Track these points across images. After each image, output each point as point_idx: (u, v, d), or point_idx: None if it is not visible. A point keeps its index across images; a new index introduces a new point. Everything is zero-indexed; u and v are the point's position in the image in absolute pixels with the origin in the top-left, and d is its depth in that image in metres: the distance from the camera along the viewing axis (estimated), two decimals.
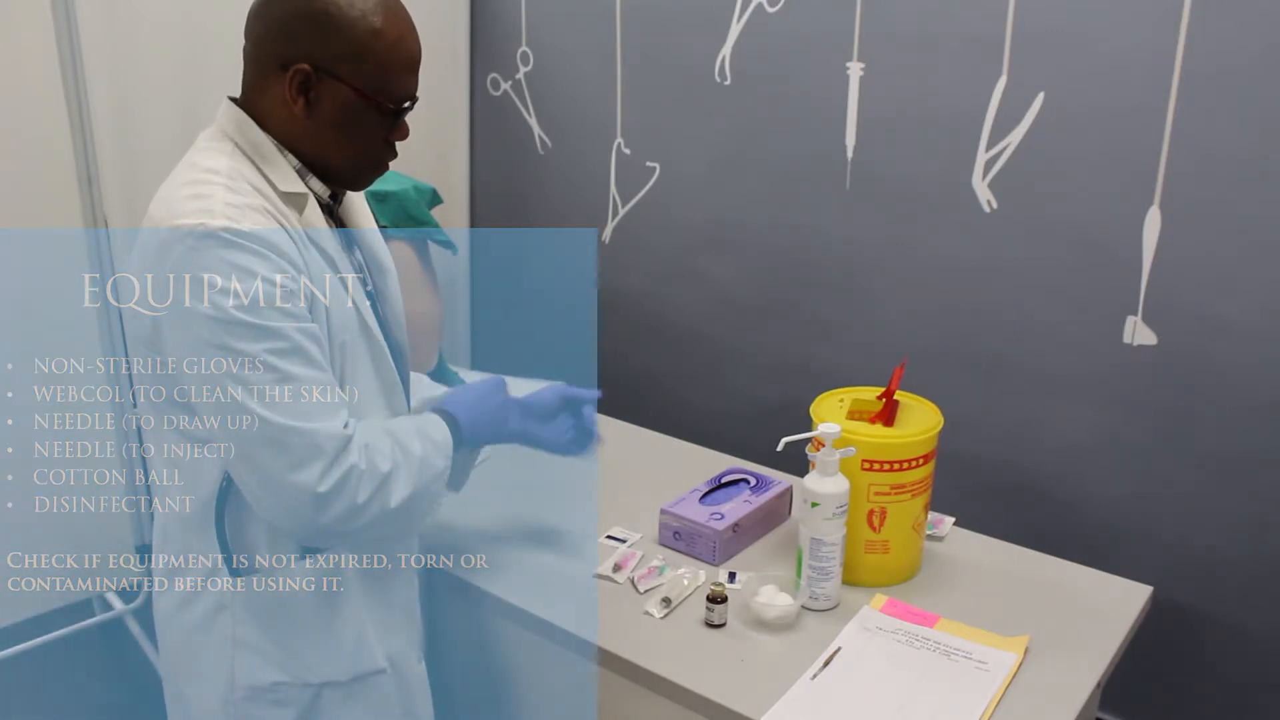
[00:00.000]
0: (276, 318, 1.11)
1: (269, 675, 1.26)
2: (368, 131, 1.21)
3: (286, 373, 1.11)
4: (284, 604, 1.26)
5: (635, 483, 1.80)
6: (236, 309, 1.08)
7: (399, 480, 1.20)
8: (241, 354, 1.10)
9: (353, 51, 1.16)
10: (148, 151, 1.99)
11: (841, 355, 2.13)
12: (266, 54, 1.19)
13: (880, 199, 2.00)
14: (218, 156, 1.18)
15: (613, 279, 2.48)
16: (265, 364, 1.10)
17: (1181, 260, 1.70)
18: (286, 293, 1.11)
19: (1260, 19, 1.56)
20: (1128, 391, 1.79)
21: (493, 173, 2.66)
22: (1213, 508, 1.75)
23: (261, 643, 1.26)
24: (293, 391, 1.12)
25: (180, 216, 1.10)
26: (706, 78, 2.18)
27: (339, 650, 1.29)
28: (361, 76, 1.17)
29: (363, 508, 1.17)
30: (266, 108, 1.20)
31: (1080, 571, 1.55)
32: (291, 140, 1.21)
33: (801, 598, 1.44)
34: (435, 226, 1.92)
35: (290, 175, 1.20)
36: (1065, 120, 1.76)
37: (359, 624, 1.29)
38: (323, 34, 1.15)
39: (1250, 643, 1.76)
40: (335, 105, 1.18)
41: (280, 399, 1.11)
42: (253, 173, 1.18)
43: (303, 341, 1.13)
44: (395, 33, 1.18)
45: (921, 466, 1.46)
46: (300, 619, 1.27)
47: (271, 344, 1.11)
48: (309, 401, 1.13)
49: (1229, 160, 1.62)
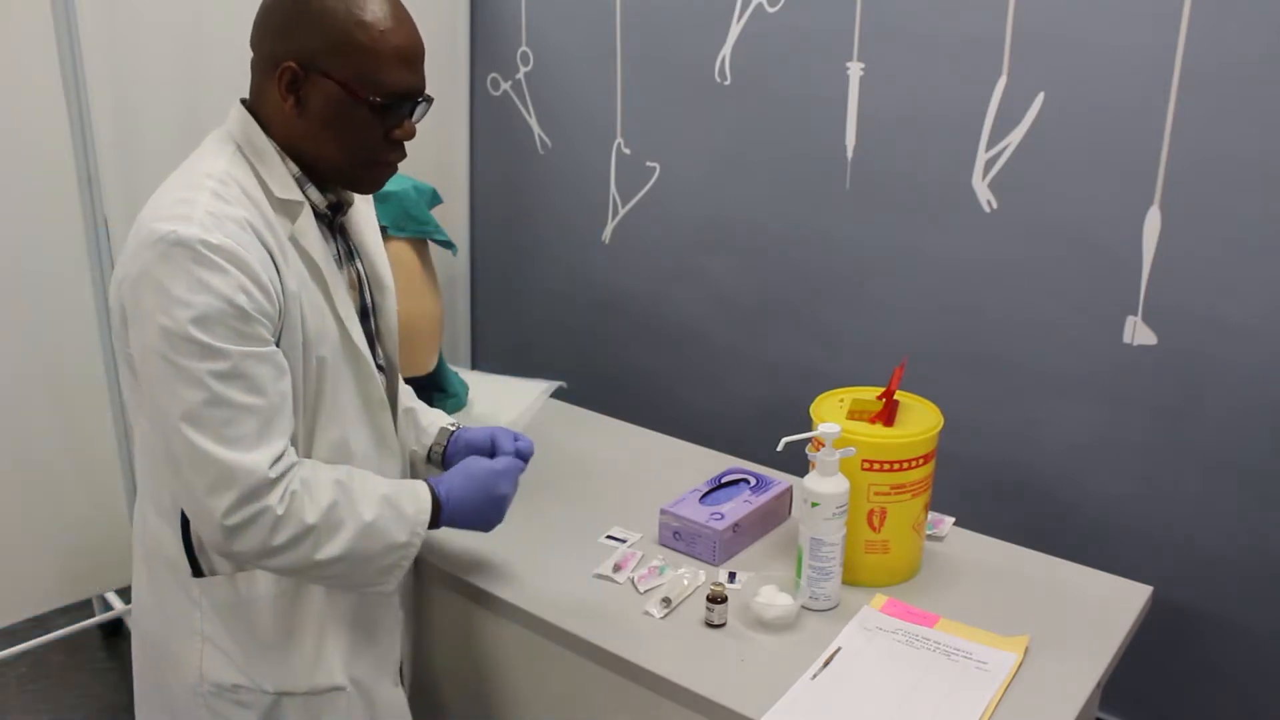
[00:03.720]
0: (226, 338, 1.09)
1: (230, 676, 1.27)
2: (361, 128, 1.18)
3: (220, 396, 1.09)
4: (244, 609, 1.27)
5: (635, 483, 1.80)
6: (188, 322, 1.07)
7: (329, 537, 1.17)
8: (182, 369, 1.09)
9: (335, 44, 1.13)
10: (148, 151, 2.00)
11: (841, 355, 2.13)
12: (262, 55, 1.19)
13: (880, 199, 2.00)
14: (217, 159, 1.17)
15: (613, 279, 2.48)
16: (203, 383, 1.09)
17: (1181, 260, 1.70)
18: (241, 313, 1.10)
19: (1260, 19, 1.56)
20: (1128, 391, 1.79)
21: (493, 173, 2.66)
22: (1213, 508, 1.75)
23: (225, 643, 1.27)
24: (223, 418, 1.10)
25: (162, 219, 1.10)
26: (706, 78, 2.18)
27: (295, 663, 1.29)
28: (346, 69, 1.14)
29: (279, 550, 1.14)
30: (268, 111, 1.19)
31: (1080, 571, 1.55)
32: (292, 144, 1.20)
33: (801, 598, 1.44)
34: (435, 226, 1.91)
35: (288, 182, 1.19)
36: (1065, 120, 1.76)
37: (318, 639, 1.29)
38: (306, 29, 1.14)
39: (1250, 643, 1.76)
40: (323, 101, 1.16)
41: (208, 421, 1.10)
42: (248, 177, 1.17)
43: (248, 366, 1.11)
44: (383, 24, 1.14)
45: (921, 466, 1.46)
46: (258, 626, 1.27)
47: (214, 364, 1.09)
48: (237, 430, 1.10)
49: (1229, 160, 1.62)
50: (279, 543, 1.14)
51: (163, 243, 1.08)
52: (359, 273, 1.33)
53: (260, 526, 1.13)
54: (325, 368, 1.22)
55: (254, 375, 1.11)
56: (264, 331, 1.13)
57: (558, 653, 1.43)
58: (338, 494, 1.19)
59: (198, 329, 1.08)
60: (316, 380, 1.22)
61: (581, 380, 2.17)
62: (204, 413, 1.09)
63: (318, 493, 1.17)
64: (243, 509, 1.11)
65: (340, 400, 1.25)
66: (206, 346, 1.08)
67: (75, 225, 1.94)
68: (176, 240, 1.08)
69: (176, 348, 1.08)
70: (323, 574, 1.21)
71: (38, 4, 1.81)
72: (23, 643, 2.25)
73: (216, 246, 1.09)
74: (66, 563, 2.11)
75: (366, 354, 1.26)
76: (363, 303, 1.33)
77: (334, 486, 1.20)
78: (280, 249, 1.16)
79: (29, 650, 2.29)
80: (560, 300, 2.61)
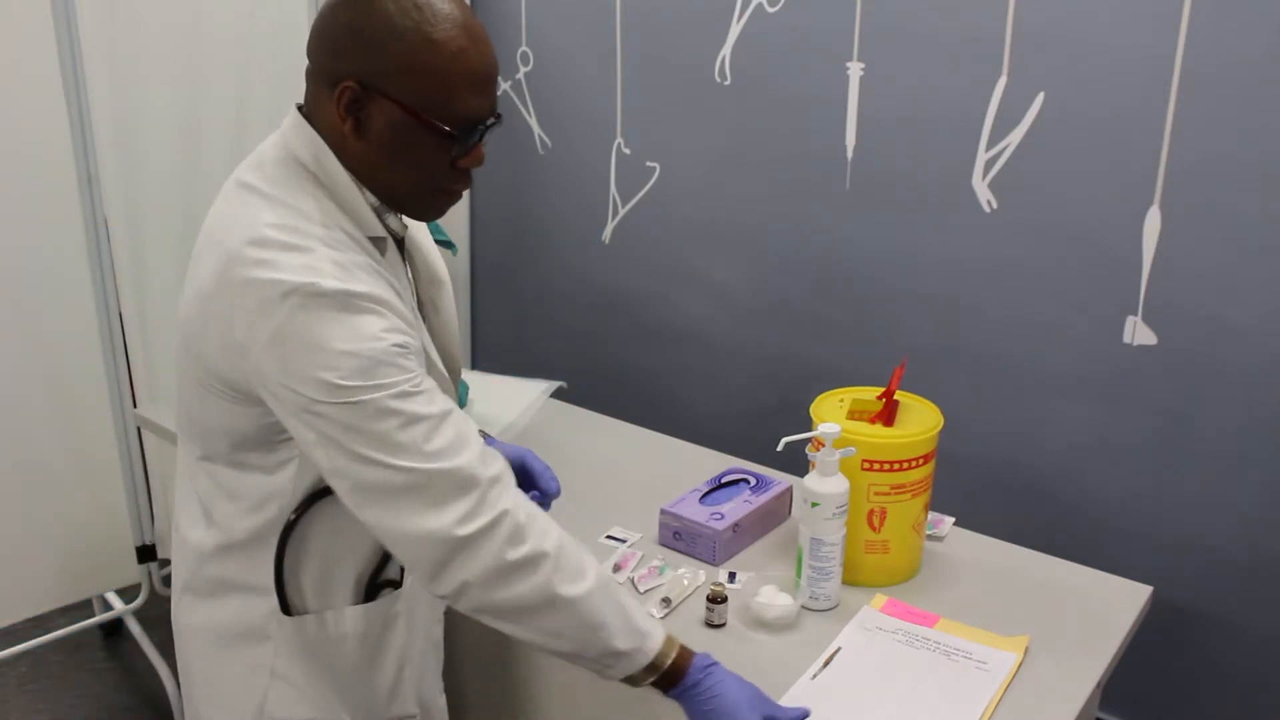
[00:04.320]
0: (391, 375, 1.02)
1: (302, 711, 1.22)
2: (427, 155, 1.07)
3: (412, 414, 1.02)
4: (328, 646, 1.22)
5: (635, 483, 1.80)
6: (358, 369, 1.00)
7: (572, 573, 1.07)
8: (363, 404, 1.00)
9: (403, 65, 1.02)
10: (148, 151, 2.00)
11: (841, 355, 2.13)
12: (319, 68, 1.08)
13: (880, 199, 2.00)
14: (302, 197, 1.07)
15: (613, 279, 2.48)
16: (389, 411, 1.01)
17: (1181, 260, 1.70)
18: (403, 350, 1.03)
19: (1260, 19, 1.56)
20: (1128, 391, 1.79)
21: (493, 173, 2.66)
22: (1213, 508, 1.75)
23: (300, 679, 1.21)
24: (422, 433, 1.02)
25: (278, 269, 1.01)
26: (706, 78, 2.18)
27: (374, 696, 1.27)
28: (413, 93, 1.03)
29: (515, 568, 1.04)
30: (324, 128, 1.09)
31: (1080, 571, 1.55)
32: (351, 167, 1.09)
33: (801, 598, 1.44)
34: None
35: (371, 219, 1.10)
36: (1065, 120, 1.76)
37: (396, 669, 1.27)
38: (371, 46, 1.03)
39: (1250, 643, 1.76)
40: (386, 126, 1.05)
41: (409, 443, 1.01)
42: (340, 216, 1.09)
43: (420, 383, 1.04)
44: (456, 45, 1.03)
45: (921, 466, 1.46)
46: (341, 662, 1.23)
47: (390, 392, 1.01)
48: (440, 442, 1.03)
49: (1229, 160, 1.62)
50: (516, 558, 1.03)
51: (297, 295, 1.00)
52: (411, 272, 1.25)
53: (498, 536, 1.03)
54: None
55: (428, 389, 1.05)
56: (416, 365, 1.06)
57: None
58: (565, 538, 1.10)
59: (367, 369, 1.01)
60: None
61: (581, 380, 2.17)
62: (400, 436, 1.01)
63: (545, 522, 1.08)
64: (478, 517, 1.02)
65: None
66: (378, 384, 1.01)
67: (75, 225, 1.94)
68: (316, 292, 1.00)
69: (350, 393, 1.00)
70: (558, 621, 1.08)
71: (38, 4, 1.82)
72: (23, 643, 2.25)
73: (363, 295, 1.02)
74: (66, 563, 2.12)
75: (441, 366, 1.21)
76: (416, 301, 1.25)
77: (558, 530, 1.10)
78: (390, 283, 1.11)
79: (29, 650, 2.29)
80: (560, 300, 2.61)
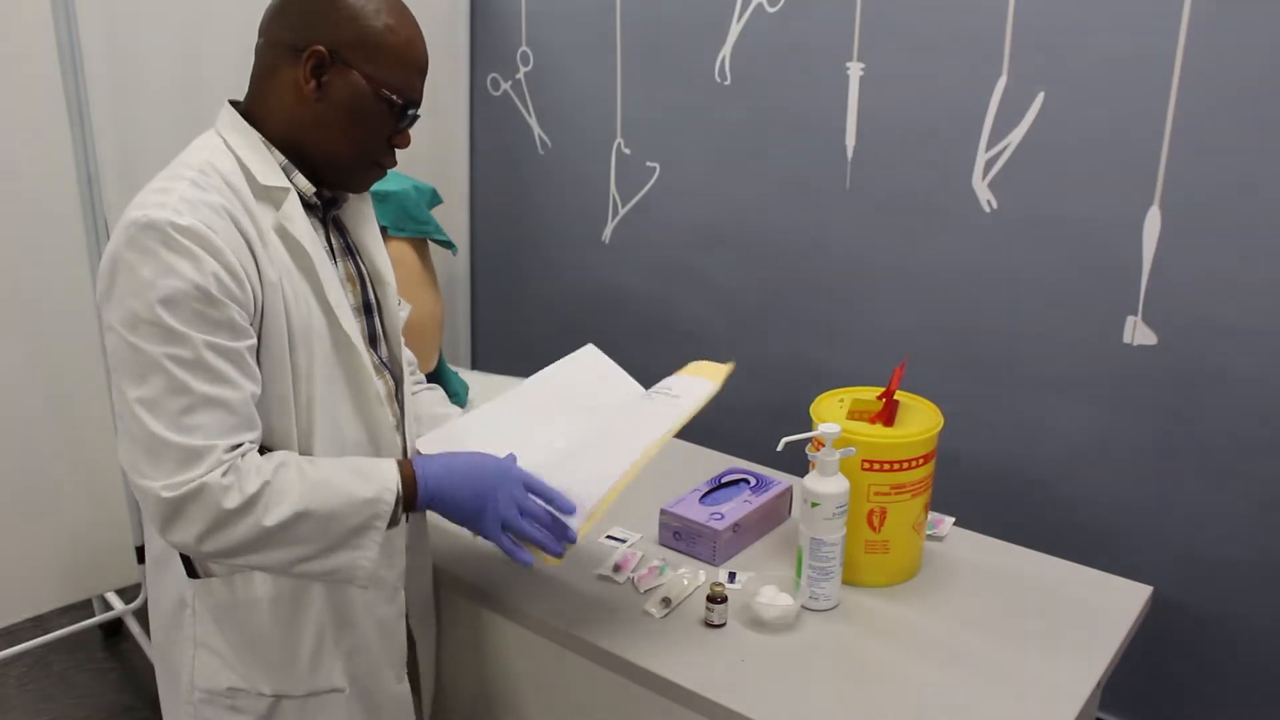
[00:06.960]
0: (190, 322, 1.07)
1: (225, 680, 1.26)
2: (373, 126, 1.21)
3: (181, 384, 1.07)
4: (241, 610, 1.25)
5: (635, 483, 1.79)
6: (155, 303, 1.06)
7: (278, 499, 1.11)
8: (144, 353, 1.07)
9: (369, 42, 1.18)
10: (148, 151, 1.99)
11: (841, 355, 2.13)
12: (280, 41, 1.20)
13: (880, 199, 2.01)
14: (199, 152, 1.19)
15: (613, 279, 2.48)
16: (163, 369, 1.07)
17: (1181, 260, 1.70)
18: (207, 297, 1.08)
19: (1260, 20, 1.56)
20: (1128, 392, 1.79)
21: (493, 173, 2.66)
22: (1212, 508, 1.75)
23: (220, 646, 1.25)
24: (181, 405, 1.07)
25: (137, 206, 1.11)
26: (706, 78, 2.18)
27: (293, 665, 1.28)
28: (376, 68, 1.19)
29: (228, 520, 1.08)
30: (273, 100, 1.21)
31: (1080, 571, 1.55)
32: (293, 133, 1.21)
33: (801, 598, 1.44)
34: (435, 226, 1.92)
35: (273, 169, 1.20)
36: (1065, 120, 1.76)
37: (317, 641, 1.28)
38: (339, 20, 1.17)
39: (1250, 643, 1.76)
40: (347, 93, 1.19)
41: (166, 409, 1.07)
42: (232, 166, 1.18)
43: (211, 357, 1.08)
44: (407, 34, 1.21)
45: (921, 466, 1.46)
46: (256, 628, 1.26)
47: (176, 349, 1.07)
48: (195, 420, 1.07)
49: (1229, 160, 1.62)
50: (231, 506, 1.08)
51: (133, 226, 1.08)
52: (358, 268, 1.32)
53: (205, 500, 1.07)
54: (314, 362, 1.20)
55: (217, 368, 1.09)
56: (235, 319, 1.10)
57: (557, 652, 1.43)
58: (285, 458, 1.15)
59: (163, 311, 1.06)
60: (307, 377, 1.20)
61: None
62: (162, 400, 1.07)
63: (263, 463, 1.13)
64: (180, 478, 1.07)
65: (332, 396, 1.23)
66: (170, 330, 1.07)
67: (75, 225, 1.94)
68: (147, 223, 1.08)
69: (140, 331, 1.07)
70: (287, 549, 1.12)
71: (38, 4, 1.81)
72: (23, 643, 2.25)
73: (185, 229, 1.08)
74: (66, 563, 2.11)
75: (361, 349, 1.24)
76: (365, 299, 1.31)
77: (282, 455, 1.16)
78: (260, 237, 1.15)
79: (29, 650, 2.29)
80: (560, 300, 2.61)
